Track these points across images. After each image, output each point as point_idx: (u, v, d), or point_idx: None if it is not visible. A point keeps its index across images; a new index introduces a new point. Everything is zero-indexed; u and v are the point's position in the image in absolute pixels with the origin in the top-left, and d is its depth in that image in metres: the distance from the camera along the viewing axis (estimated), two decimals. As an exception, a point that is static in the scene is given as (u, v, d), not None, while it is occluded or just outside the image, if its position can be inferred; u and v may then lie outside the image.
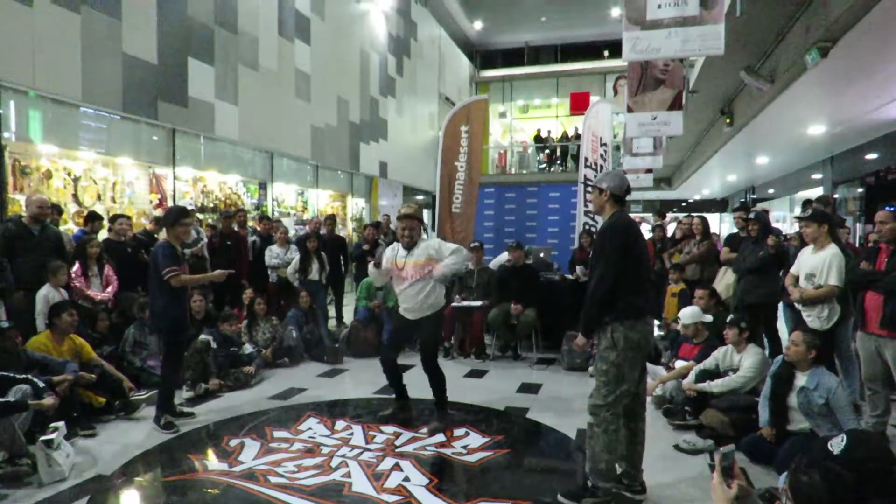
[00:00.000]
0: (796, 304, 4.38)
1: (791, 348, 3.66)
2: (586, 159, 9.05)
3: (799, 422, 3.58)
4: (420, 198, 18.41)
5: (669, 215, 13.06)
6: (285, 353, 6.31)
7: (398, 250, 4.42)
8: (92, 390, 4.39)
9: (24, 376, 3.72)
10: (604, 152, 9.21)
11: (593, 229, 8.11)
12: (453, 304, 6.51)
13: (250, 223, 8.56)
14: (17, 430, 3.45)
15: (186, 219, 4.44)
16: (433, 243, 4.41)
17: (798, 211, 5.42)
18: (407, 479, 3.46)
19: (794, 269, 4.46)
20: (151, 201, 8.14)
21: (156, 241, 5.08)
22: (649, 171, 12.95)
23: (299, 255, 7.17)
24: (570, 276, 7.34)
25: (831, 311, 4.15)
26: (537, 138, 20.93)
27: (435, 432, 4.23)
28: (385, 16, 14.75)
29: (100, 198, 7.30)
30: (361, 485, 3.38)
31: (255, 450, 3.91)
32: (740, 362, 4.29)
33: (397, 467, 3.62)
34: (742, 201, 19.79)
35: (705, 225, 6.92)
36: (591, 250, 4.49)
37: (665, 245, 7.60)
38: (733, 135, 11.21)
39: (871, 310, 3.89)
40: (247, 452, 3.86)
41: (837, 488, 1.67)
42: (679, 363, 4.87)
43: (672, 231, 8.27)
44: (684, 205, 25.55)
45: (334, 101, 12.42)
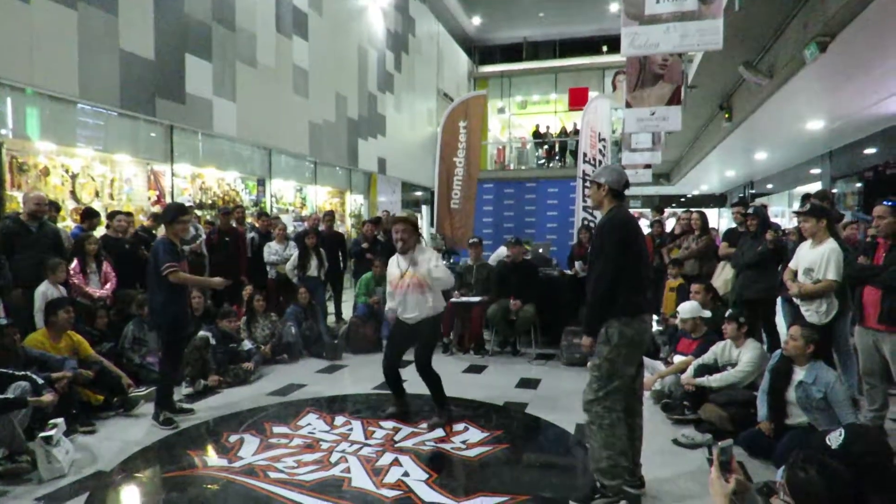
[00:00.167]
0: (795, 299, 4.39)
1: (789, 343, 3.67)
2: (585, 155, 9.05)
3: (797, 416, 3.59)
4: (419, 193, 18.40)
5: (668, 210, 13.08)
6: (284, 350, 6.32)
7: (399, 260, 4.34)
8: (90, 388, 4.39)
9: (23, 373, 3.72)
10: (602, 148, 9.21)
11: (592, 225, 8.12)
12: (452, 299, 6.52)
13: (249, 220, 8.56)
14: (16, 426, 3.45)
15: (185, 216, 4.45)
16: (430, 255, 4.30)
17: (797, 206, 5.42)
18: (406, 474, 3.47)
19: (792, 264, 4.46)
20: (149, 198, 8.13)
21: (155, 238, 5.08)
22: (648, 166, 12.97)
23: (298, 252, 7.17)
24: (568, 272, 7.34)
25: (829, 305, 4.16)
26: (536, 134, 20.91)
27: (435, 427, 4.23)
28: (383, 12, 14.71)
29: (98, 195, 7.29)
30: (361, 480, 3.39)
31: (254, 446, 3.91)
32: (739, 357, 4.30)
33: (397, 462, 3.63)
34: (741, 196, 19.83)
35: (704, 220, 6.93)
36: (589, 246, 4.47)
37: (664, 240, 7.61)
38: (732, 130, 11.22)
39: (869, 304, 3.90)
40: (246, 448, 3.87)
41: (835, 484, 1.67)
42: (677, 358, 4.88)
43: (671, 226, 8.28)
44: (683, 200, 25.57)
45: (332, 97, 12.40)
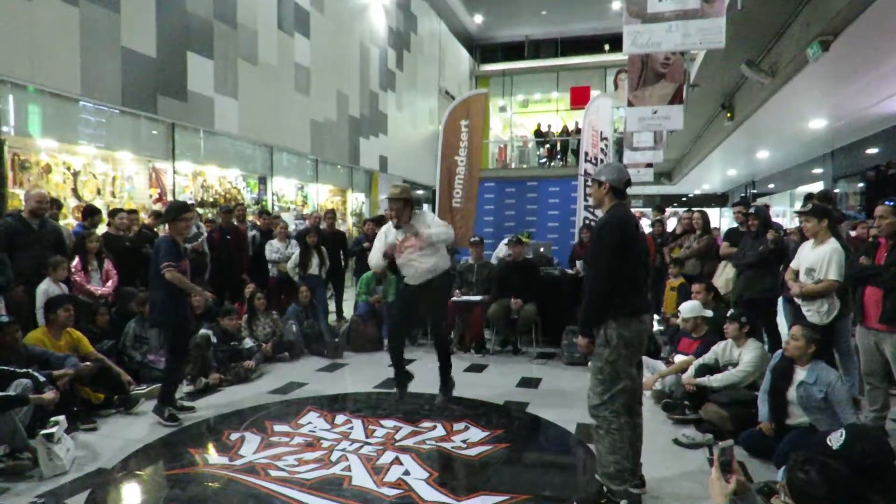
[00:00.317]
0: (796, 299, 4.38)
1: (790, 343, 3.66)
2: (586, 154, 9.04)
3: (798, 416, 3.58)
4: (420, 192, 18.39)
5: (669, 210, 13.06)
6: (285, 348, 6.32)
7: (392, 230, 4.54)
8: (90, 386, 4.39)
9: (24, 371, 3.72)
10: (604, 146, 9.20)
11: (594, 224, 8.10)
12: (453, 298, 6.52)
13: (250, 218, 8.56)
14: (17, 424, 3.46)
15: (188, 213, 4.45)
16: (425, 218, 4.55)
17: (799, 206, 5.41)
18: (407, 472, 3.47)
19: (793, 264, 4.46)
20: (151, 196, 8.14)
21: (159, 236, 5.09)
22: (650, 165, 12.94)
23: (299, 250, 7.18)
24: (570, 271, 7.34)
25: (831, 305, 4.15)
26: (537, 133, 20.89)
27: (443, 405, 4.40)
28: (385, 9, 14.70)
29: (99, 192, 7.29)
30: (361, 478, 3.39)
31: (255, 444, 3.92)
32: (740, 357, 4.29)
33: (397, 461, 3.63)
34: (742, 196, 19.80)
35: (705, 220, 6.93)
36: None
37: (665, 240, 7.61)
38: (734, 129, 11.20)
39: (870, 305, 3.89)
40: (247, 446, 3.88)
41: (835, 485, 1.67)
42: (678, 358, 4.88)
43: (673, 226, 8.27)
44: (685, 199, 25.55)
45: (334, 95, 12.39)
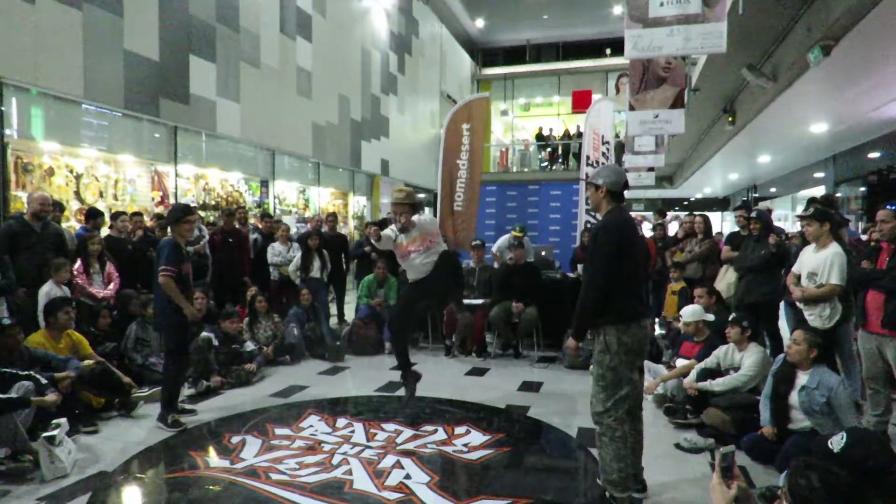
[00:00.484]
0: (798, 303, 4.38)
1: (792, 347, 3.66)
2: (588, 157, 9.04)
3: (800, 421, 3.58)
4: (422, 195, 18.41)
5: (670, 214, 13.06)
6: (287, 351, 6.32)
7: (396, 232, 4.59)
8: (91, 390, 4.39)
9: (26, 373, 3.73)
10: (606, 150, 9.20)
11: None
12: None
13: (251, 221, 8.57)
14: (19, 426, 3.46)
15: (190, 216, 4.45)
16: (423, 221, 4.63)
17: (800, 210, 5.41)
18: (408, 476, 3.46)
19: (795, 268, 4.45)
20: (153, 199, 8.15)
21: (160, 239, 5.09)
22: (651, 169, 12.95)
23: (301, 253, 7.18)
24: (571, 275, 7.34)
25: (833, 310, 4.15)
26: (539, 136, 20.90)
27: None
28: (387, 13, 14.74)
29: (101, 195, 7.31)
30: (363, 482, 3.39)
31: (256, 447, 3.92)
32: (741, 361, 4.29)
33: (398, 465, 3.62)
34: (744, 200, 19.80)
35: (707, 224, 6.93)
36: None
37: (666, 243, 7.60)
38: (735, 133, 11.20)
39: (872, 309, 3.89)
40: (248, 450, 3.87)
41: (836, 491, 1.66)
42: (680, 361, 4.87)
43: (674, 230, 8.27)
44: (686, 203, 25.55)
45: (336, 98, 12.42)
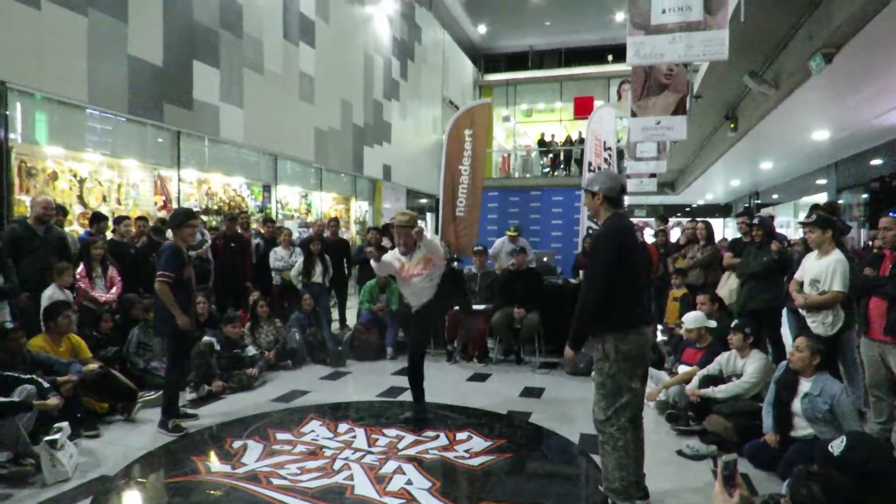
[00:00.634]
0: (800, 310, 4.37)
1: (795, 354, 3.65)
2: (590, 164, 9.06)
3: (803, 428, 3.56)
4: (423, 201, 18.44)
5: (672, 220, 13.06)
6: (288, 356, 6.32)
7: (398, 256, 4.58)
8: (94, 395, 4.39)
9: (28, 376, 3.73)
10: (608, 156, 9.21)
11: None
12: (456, 307, 6.52)
13: (254, 226, 8.59)
14: (21, 430, 3.46)
15: (193, 220, 4.44)
16: (428, 242, 4.63)
17: (802, 216, 5.41)
18: (409, 482, 3.46)
19: (798, 275, 4.45)
20: (156, 203, 8.18)
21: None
22: (653, 175, 12.94)
23: (303, 258, 7.19)
24: (573, 281, 7.33)
25: (835, 317, 4.13)
26: (541, 142, 20.93)
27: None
28: (389, 19, 14.80)
29: (105, 199, 7.33)
30: (364, 488, 3.38)
31: (257, 452, 3.91)
32: (744, 368, 4.28)
33: (400, 470, 3.62)
34: (746, 206, 19.79)
35: (709, 230, 6.93)
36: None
37: (668, 250, 7.60)
38: (737, 140, 11.20)
39: (874, 316, 3.89)
40: (249, 454, 3.87)
41: (837, 499, 1.66)
42: (682, 368, 4.86)
43: (676, 236, 8.27)
44: (688, 210, 25.53)
45: (338, 104, 12.46)
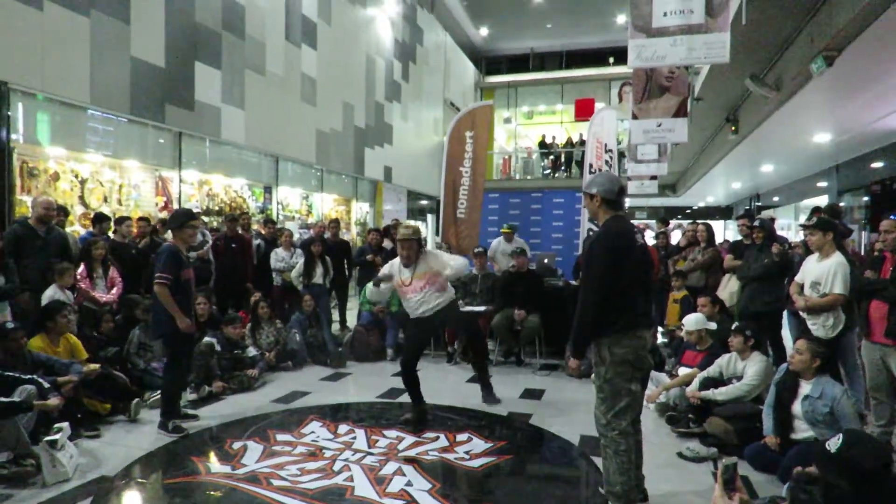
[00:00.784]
0: (801, 313, 4.37)
1: (795, 357, 3.65)
2: (591, 166, 9.06)
3: (803, 430, 3.56)
4: (424, 202, 18.44)
5: (673, 222, 13.05)
6: (289, 357, 6.32)
7: (399, 268, 4.57)
8: (96, 396, 4.40)
9: (29, 377, 3.73)
10: (609, 158, 9.21)
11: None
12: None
13: (255, 227, 8.60)
14: (21, 430, 3.47)
15: (193, 221, 4.43)
16: (435, 254, 4.65)
17: (803, 219, 5.42)
18: (409, 483, 3.46)
19: (798, 278, 4.45)
20: (157, 204, 8.19)
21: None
22: (654, 177, 12.94)
23: (304, 259, 7.19)
24: (573, 282, 7.32)
25: (836, 319, 4.13)
26: (542, 144, 20.94)
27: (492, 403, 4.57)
28: (391, 22, 14.83)
29: (106, 200, 7.34)
30: (364, 489, 3.38)
31: (257, 453, 3.91)
32: (744, 370, 4.27)
33: (400, 472, 3.62)
34: (747, 209, 19.79)
35: (710, 232, 6.93)
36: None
37: (669, 252, 7.60)
38: (738, 142, 11.21)
39: (875, 319, 3.88)
40: (250, 455, 3.87)
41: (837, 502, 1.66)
42: (682, 370, 4.86)
43: (677, 238, 8.26)
44: (689, 212, 25.53)
45: (340, 105, 12.48)
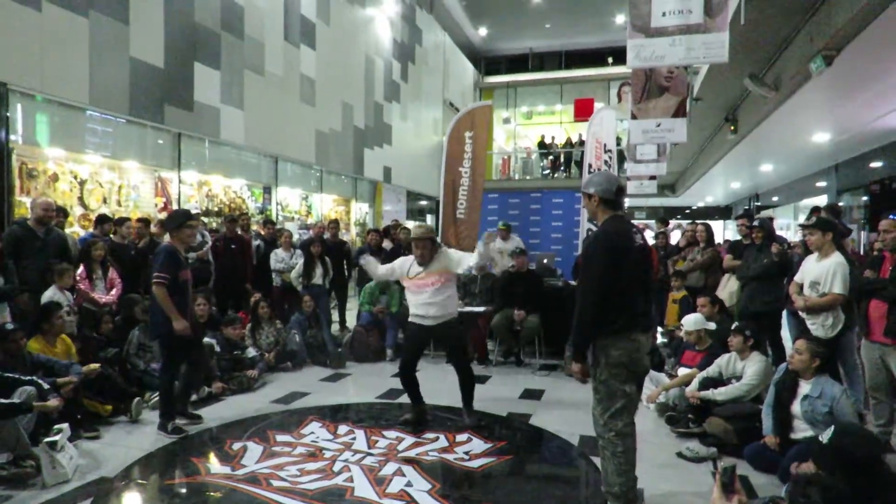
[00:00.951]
0: (800, 313, 4.37)
1: (795, 356, 3.65)
2: (590, 166, 9.05)
3: (802, 430, 3.56)
4: (424, 203, 18.44)
5: (673, 222, 13.06)
6: (288, 358, 6.32)
7: (413, 265, 4.49)
8: (96, 398, 4.40)
9: (29, 378, 3.73)
10: (608, 158, 9.21)
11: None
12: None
13: (254, 227, 8.59)
14: (21, 431, 3.46)
15: (192, 221, 4.43)
16: (448, 253, 4.59)
17: (802, 219, 5.43)
18: (409, 484, 3.46)
19: (798, 277, 4.45)
20: (156, 205, 8.18)
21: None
22: (653, 177, 12.96)
23: (303, 260, 7.19)
24: (573, 283, 7.33)
25: (835, 319, 4.13)
26: (541, 144, 20.95)
27: (471, 425, 4.42)
28: (390, 22, 14.82)
29: (105, 201, 7.33)
30: (364, 489, 3.38)
31: (257, 453, 3.91)
32: (744, 370, 4.28)
33: (400, 472, 3.62)
34: (746, 209, 19.79)
35: (709, 232, 6.93)
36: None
37: (668, 252, 7.60)
38: (737, 142, 11.22)
39: (875, 318, 3.88)
40: (249, 456, 3.87)
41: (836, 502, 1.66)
42: (682, 370, 4.86)
43: (676, 238, 8.27)
44: (688, 212, 25.54)
45: (339, 106, 12.48)
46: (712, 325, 4.94)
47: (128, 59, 7.23)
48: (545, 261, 8.18)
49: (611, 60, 22.30)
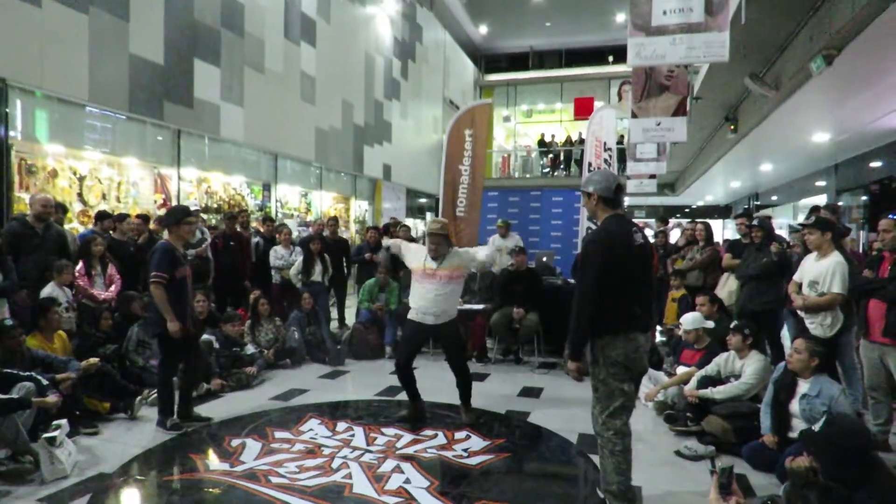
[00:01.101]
0: (799, 312, 4.38)
1: (794, 356, 3.66)
2: (590, 164, 9.04)
3: (801, 429, 3.57)
4: (423, 200, 18.44)
5: (672, 221, 13.06)
6: (287, 355, 6.32)
7: (427, 257, 4.50)
8: (95, 395, 4.40)
9: (27, 374, 3.73)
10: (608, 157, 9.20)
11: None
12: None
13: (253, 224, 8.59)
14: (20, 427, 3.46)
15: (190, 218, 4.41)
16: (460, 252, 4.65)
17: (801, 218, 5.43)
18: (408, 481, 3.46)
19: (797, 277, 4.45)
20: (156, 201, 8.18)
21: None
22: (653, 176, 12.95)
23: (303, 257, 7.19)
24: (572, 281, 7.33)
25: (834, 318, 4.13)
26: (541, 143, 20.95)
27: (468, 424, 4.44)
28: (390, 19, 14.81)
29: (104, 197, 7.33)
30: (362, 486, 3.39)
31: (256, 450, 3.91)
32: (742, 369, 4.28)
33: (398, 469, 3.62)
34: (745, 208, 19.80)
35: (709, 231, 6.93)
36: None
37: (668, 251, 7.61)
38: (737, 141, 11.22)
39: (874, 318, 3.89)
40: (248, 453, 3.87)
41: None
42: (680, 369, 4.86)
43: (676, 237, 8.27)
44: (687, 211, 25.54)
45: (339, 103, 12.47)
46: (711, 324, 4.94)
47: (127, 56, 7.22)
48: (544, 259, 8.18)
49: (611, 59, 22.29)
